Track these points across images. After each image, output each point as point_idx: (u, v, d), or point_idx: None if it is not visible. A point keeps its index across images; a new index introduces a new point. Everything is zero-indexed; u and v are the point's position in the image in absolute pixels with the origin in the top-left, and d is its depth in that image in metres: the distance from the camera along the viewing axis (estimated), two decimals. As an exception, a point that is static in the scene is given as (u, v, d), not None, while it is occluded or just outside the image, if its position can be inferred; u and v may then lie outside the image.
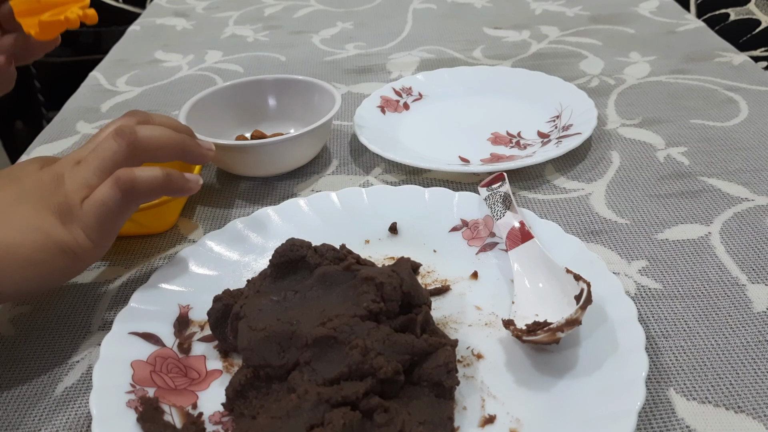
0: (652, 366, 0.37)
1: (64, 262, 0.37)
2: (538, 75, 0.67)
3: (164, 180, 0.40)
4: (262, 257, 0.46)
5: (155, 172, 0.39)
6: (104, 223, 0.38)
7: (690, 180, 0.53)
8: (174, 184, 0.41)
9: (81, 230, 0.38)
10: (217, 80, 0.78)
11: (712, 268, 0.44)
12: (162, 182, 0.40)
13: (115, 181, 0.38)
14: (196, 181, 0.42)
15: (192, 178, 0.42)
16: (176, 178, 0.41)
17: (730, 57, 0.73)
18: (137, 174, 0.39)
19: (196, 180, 0.42)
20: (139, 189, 0.39)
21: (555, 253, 0.42)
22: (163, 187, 0.40)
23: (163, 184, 0.40)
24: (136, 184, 0.38)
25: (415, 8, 0.97)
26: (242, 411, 0.34)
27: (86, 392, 0.38)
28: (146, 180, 0.39)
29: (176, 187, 0.41)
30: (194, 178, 0.42)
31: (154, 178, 0.39)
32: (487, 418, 0.34)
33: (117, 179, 0.38)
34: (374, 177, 0.57)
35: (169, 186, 0.40)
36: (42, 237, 0.36)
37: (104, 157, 0.39)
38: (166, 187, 0.40)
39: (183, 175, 0.41)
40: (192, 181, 0.42)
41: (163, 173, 0.40)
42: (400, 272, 0.37)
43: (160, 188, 0.40)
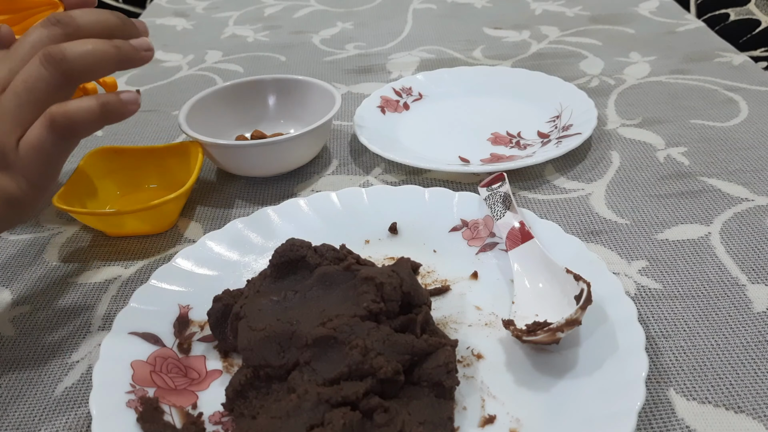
0: (652, 366, 0.37)
1: (7, 210, 0.36)
2: (538, 75, 0.67)
3: (101, 111, 0.36)
4: (262, 257, 0.46)
5: (90, 104, 0.36)
6: (45, 167, 0.36)
7: (690, 180, 0.53)
8: (112, 113, 0.37)
9: (22, 177, 0.35)
10: (217, 80, 0.78)
11: (712, 268, 0.44)
12: (99, 114, 0.36)
13: (50, 123, 0.35)
14: (134, 100, 0.38)
15: (129, 98, 0.38)
16: (113, 105, 0.37)
17: (730, 57, 0.73)
18: (72, 111, 0.35)
19: (134, 99, 0.38)
20: (76, 127, 0.36)
21: (555, 253, 0.42)
22: (101, 119, 0.37)
23: (101, 115, 0.36)
24: (72, 122, 0.35)
25: (415, 8, 0.97)
26: (242, 411, 0.34)
27: (86, 392, 0.38)
28: (83, 116, 0.36)
29: (115, 115, 0.37)
30: (131, 98, 0.38)
31: (90, 112, 0.36)
32: (487, 418, 0.34)
33: (52, 120, 0.35)
34: (374, 177, 0.57)
35: (107, 116, 0.37)
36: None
37: (34, 88, 0.35)
38: (105, 117, 0.37)
39: (119, 98, 0.37)
40: (130, 101, 0.38)
41: (98, 104, 0.36)
42: (400, 272, 0.37)
43: (98, 120, 0.37)
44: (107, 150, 0.54)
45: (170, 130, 0.67)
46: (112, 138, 0.66)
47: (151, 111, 0.71)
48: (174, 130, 0.67)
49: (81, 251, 0.50)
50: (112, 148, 0.54)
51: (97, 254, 0.49)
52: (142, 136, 0.66)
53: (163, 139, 0.65)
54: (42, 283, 0.47)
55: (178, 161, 0.54)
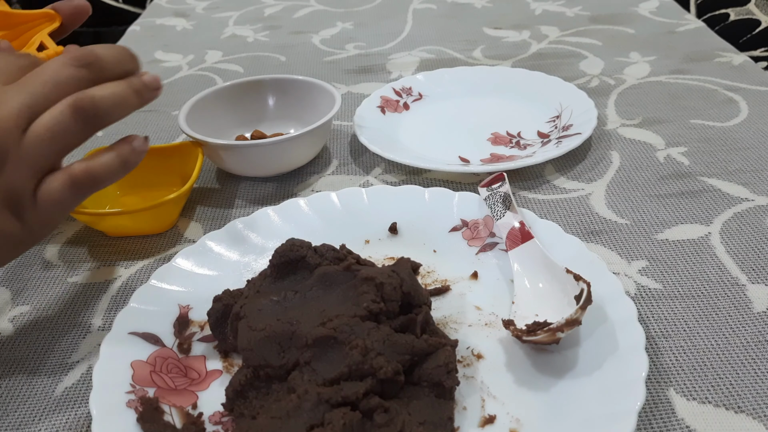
0: (652, 366, 0.37)
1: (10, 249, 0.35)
2: (538, 75, 0.67)
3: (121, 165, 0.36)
4: (262, 257, 0.46)
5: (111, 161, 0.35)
6: (60, 218, 0.36)
7: (690, 180, 0.53)
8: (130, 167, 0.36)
9: (35, 225, 0.35)
10: (217, 80, 0.78)
11: (712, 268, 0.44)
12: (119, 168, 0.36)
13: (72, 182, 0.34)
14: (146, 148, 0.37)
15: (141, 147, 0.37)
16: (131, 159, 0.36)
17: (730, 57, 0.73)
18: (94, 170, 0.35)
19: (146, 148, 0.37)
20: (96, 185, 0.35)
21: (555, 253, 0.42)
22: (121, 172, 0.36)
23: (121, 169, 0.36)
24: (94, 182, 0.35)
25: (415, 8, 0.97)
26: (242, 411, 0.34)
27: (86, 392, 0.38)
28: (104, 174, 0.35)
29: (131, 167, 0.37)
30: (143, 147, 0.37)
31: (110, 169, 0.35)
32: (487, 418, 0.34)
33: (74, 179, 0.34)
34: (374, 177, 0.57)
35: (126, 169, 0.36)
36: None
37: (61, 139, 0.34)
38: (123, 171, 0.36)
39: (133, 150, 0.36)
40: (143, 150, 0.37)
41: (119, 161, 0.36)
42: (400, 272, 0.37)
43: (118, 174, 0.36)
44: (107, 150, 0.54)
45: (170, 130, 0.67)
46: (112, 138, 0.65)
47: (151, 111, 0.71)
48: (174, 130, 0.67)
49: (81, 251, 0.50)
50: (112, 148, 0.54)
51: (97, 254, 0.49)
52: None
53: (163, 139, 0.65)
54: (42, 283, 0.47)
55: (178, 161, 0.54)
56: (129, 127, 0.68)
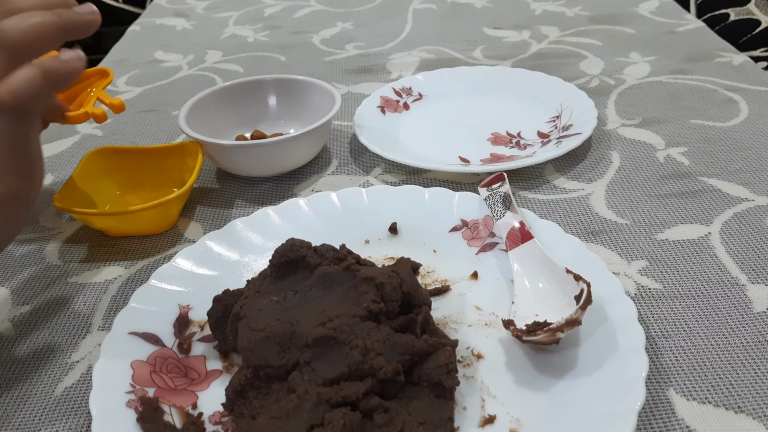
0: (652, 366, 0.37)
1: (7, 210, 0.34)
2: (538, 75, 0.67)
3: (43, 77, 0.34)
4: (262, 257, 0.46)
5: (28, 74, 0.33)
6: (13, 153, 0.34)
7: (690, 180, 0.53)
8: (55, 75, 0.35)
9: (4, 175, 0.34)
10: (217, 80, 0.78)
11: (712, 268, 0.44)
12: (42, 81, 0.34)
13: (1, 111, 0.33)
14: (77, 57, 0.35)
15: (70, 56, 0.35)
16: (54, 68, 0.35)
17: (730, 57, 0.73)
18: (13, 86, 0.33)
19: (77, 57, 0.35)
20: (23, 101, 0.33)
21: (555, 253, 0.42)
22: (46, 85, 0.34)
23: (44, 82, 0.34)
24: (19, 99, 0.33)
25: (415, 8, 0.97)
26: (242, 411, 0.34)
27: (86, 392, 0.38)
28: (26, 87, 0.33)
29: (60, 77, 0.35)
30: (72, 55, 0.35)
31: (31, 81, 0.33)
32: (487, 418, 0.34)
33: (2, 106, 0.33)
34: (374, 177, 0.57)
35: (51, 80, 0.34)
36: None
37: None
38: (49, 82, 0.34)
39: (59, 58, 0.35)
40: (72, 59, 0.35)
41: (38, 70, 0.34)
42: (400, 272, 0.37)
43: (44, 88, 0.34)
44: (107, 150, 0.54)
45: (170, 130, 0.67)
46: (112, 138, 0.66)
47: (151, 111, 0.71)
48: (174, 130, 0.67)
49: (81, 251, 0.50)
50: (112, 148, 0.54)
51: (97, 254, 0.49)
52: (142, 136, 0.66)
53: (163, 139, 0.65)
54: (42, 283, 0.47)
55: (178, 161, 0.54)
56: (129, 126, 0.68)
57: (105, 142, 0.65)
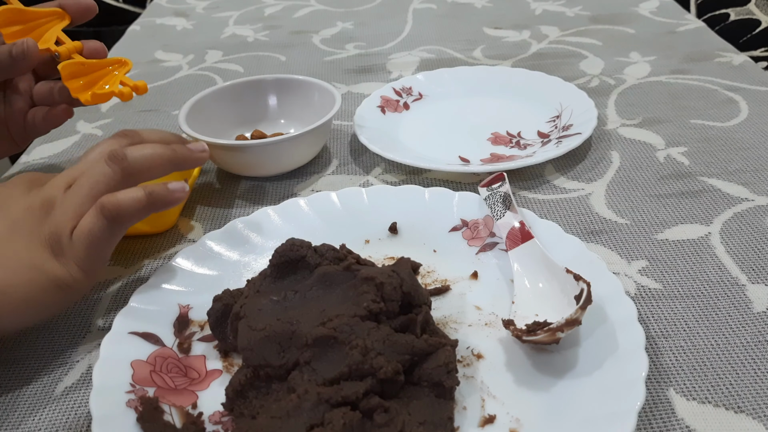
0: (652, 366, 0.37)
1: (59, 296, 0.37)
2: (538, 75, 0.67)
3: (147, 200, 0.39)
4: (262, 257, 0.46)
5: (137, 194, 0.39)
6: (94, 252, 0.38)
7: (690, 180, 0.53)
8: (158, 201, 0.40)
9: (73, 263, 0.37)
10: (217, 80, 0.78)
11: (712, 268, 0.44)
12: (146, 203, 0.39)
13: (100, 210, 0.37)
14: (182, 189, 0.41)
15: (176, 187, 0.41)
16: (159, 194, 0.40)
17: (730, 57, 0.73)
18: (120, 199, 0.38)
19: (182, 188, 0.41)
20: (124, 214, 0.38)
21: (555, 253, 0.42)
22: (147, 207, 0.39)
23: (147, 204, 0.39)
24: (120, 209, 0.38)
25: (415, 8, 0.97)
26: (242, 411, 0.34)
27: (86, 392, 0.38)
28: (129, 203, 0.38)
29: (161, 203, 0.40)
30: (179, 187, 0.41)
31: (137, 201, 0.38)
32: (487, 418, 0.34)
33: (102, 207, 0.37)
34: (374, 177, 0.57)
35: (153, 204, 0.40)
36: (37, 275, 0.36)
37: (96, 182, 0.39)
38: (151, 205, 0.40)
39: (166, 187, 0.41)
40: (177, 190, 0.41)
41: (145, 194, 0.39)
42: (400, 272, 0.37)
43: (144, 209, 0.39)
44: (107, 150, 0.54)
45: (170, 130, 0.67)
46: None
47: (151, 111, 0.71)
48: (174, 130, 0.67)
49: (81, 251, 0.50)
50: (112, 148, 0.54)
51: (97, 254, 0.49)
52: (142, 136, 0.66)
53: (163, 139, 0.65)
54: (42, 283, 0.47)
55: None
56: (128, 126, 0.68)
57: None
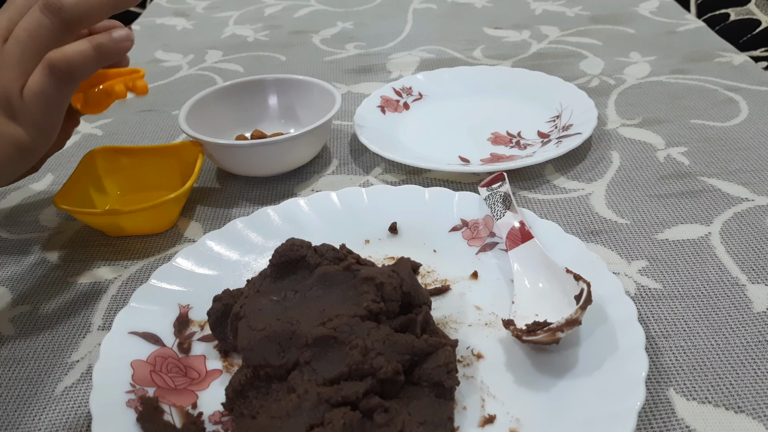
0: (652, 366, 0.37)
1: (18, 157, 0.37)
2: (538, 75, 0.67)
3: (96, 52, 0.37)
4: (262, 257, 0.46)
5: (84, 47, 0.37)
6: (48, 112, 0.37)
7: (690, 180, 0.53)
8: (107, 52, 0.38)
9: (29, 124, 0.36)
10: (217, 80, 0.78)
11: (712, 268, 0.44)
12: (95, 55, 0.37)
13: (50, 68, 0.36)
14: (127, 37, 0.39)
15: (121, 35, 0.38)
16: (107, 45, 0.38)
17: (730, 57, 0.73)
18: (68, 54, 0.36)
19: (127, 36, 0.39)
20: (74, 70, 0.37)
21: (555, 253, 0.42)
22: (97, 59, 0.37)
23: (96, 56, 0.37)
24: (71, 65, 0.36)
25: (415, 8, 0.97)
26: (242, 411, 0.34)
27: (86, 392, 0.38)
28: (79, 58, 0.36)
29: (110, 53, 0.38)
30: (123, 34, 0.39)
31: (86, 54, 0.37)
32: (487, 418, 0.34)
33: (51, 65, 0.36)
34: (374, 177, 0.57)
35: (103, 55, 0.38)
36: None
37: (35, 35, 0.36)
38: (99, 56, 0.38)
39: (111, 36, 0.38)
40: (122, 39, 0.38)
41: (92, 45, 0.37)
42: (400, 272, 0.37)
43: (95, 61, 0.37)
44: (107, 150, 0.54)
45: (170, 130, 0.67)
46: (112, 138, 0.66)
47: (151, 111, 0.71)
48: (174, 130, 0.67)
49: (81, 251, 0.50)
50: (112, 148, 0.54)
51: (97, 254, 0.49)
52: (142, 136, 0.66)
53: (163, 139, 0.65)
54: (42, 283, 0.47)
55: (178, 161, 0.54)
56: (129, 126, 0.68)
57: (105, 142, 0.65)
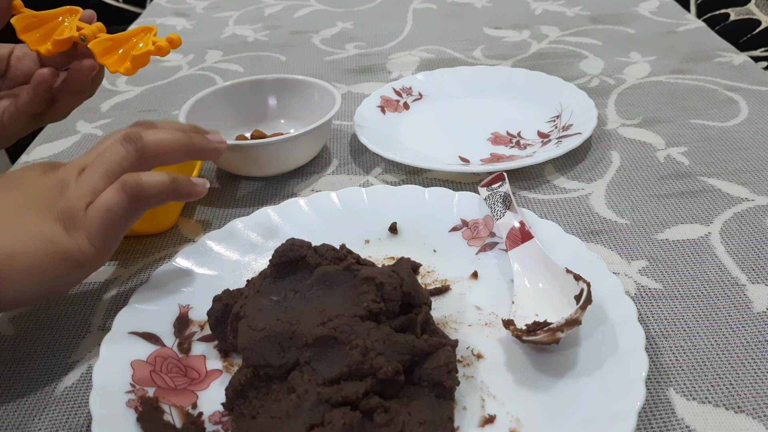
0: (652, 366, 0.37)
1: (67, 269, 0.36)
2: (538, 75, 0.67)
3: (171, 185, 0.39)
4: (262, 257, 0.46)
5: (162, 177, 0.39)
6: (109, 228, 0.37)
7: (690, 180, 0.53)
8: (181, 189, 0.40)
9: (85, 237, 0.37)
10: (217, 80, 0.78)
11: (712, 268, 0.44)
12: (168, 187, 0.39)
13: (122, 186, 0.37)
14: (203, 184, 0.41)
15: (199, 182, 0.41)
16: (183, 183, 0.40)
17: (730, 57, 0.73)
18: (143, 179, 0.38)
19: (203, 184, 0.41)
20: (145, 194, 0.38)
21: (555, 253, 0.42)
22: (169, 193, 0.39)
23: (169, 189, 0.39)
24: (142, 189, 0.38)
25: (415, 8, 0.97)
26: (242, 411, 0.34)
27: (86, 392, 0.38)
28: (153, 185, 0.38)
29: (183, 192, 0.40)
30: (201, 182, 0.41)
31: (160, 184, 0.38)
32: (487, 418, 0.34)
33: (123, 184, 0.37)
34: (374, 177, 0.57)
35: (175, 191, 0.40)
36: (45, 245, 0.35)
37: (111, 162, 0.38)
38: (173, 192, 0.39)
39: (190, 179, 0.41)
40: (199, 185, 0.41)
41: (170, 178, 0.39)
42: (400, 272, 0.37)
43: (166, 193, 0.39)
44: (107, 150, 0.54)
45: (170, 130, 0.67)
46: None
47: (151, 111, 0.71)
48: (174, 130, 0.67)
49: (81, 251, 0.50)
50: (112, 148, 0.54)
51: (97, 254, 0.49)
52: (142, 136, 0.66)
53: (163, 139, 0.65)
54: (42, 283, 0.47)
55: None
56: (129, 126, 0.68)
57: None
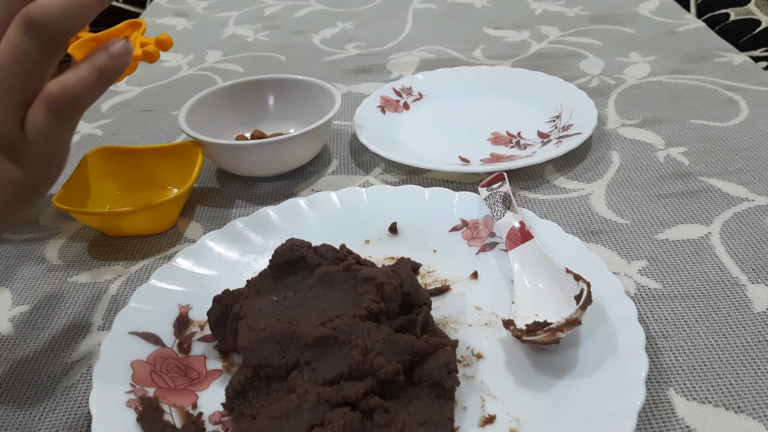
0: (652, 366, 0.37)
1: (22, 199, 0.34)
2: (538, 75, 0.67)
3: (98, 77, 0.33)
4: (262, 257, 0.46)
5: (86, 73, 0.33)
6: (56, 147, 0.34)
7: (690, 180, 0.53)
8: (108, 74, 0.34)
9: (36, 162, 0.33)
10: (217, 80, 0.78)
11: (712, 268, 0.44)
12: (97, 81, 0.33)
13: (51, 105, 0.32)
14: (125, 49, 0.34)
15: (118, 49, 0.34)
16: (107, 67, 0.33)
17: (730, 57, 0.73)
18: (69, 86, 0.32)
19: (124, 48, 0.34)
20: (78, 101, 0.33)
21: (555, 253, 0.42)
22: (100, 85, 0.34)
23: (98, 82, 0.33)
24: (73, 98, 0.33)
25: (415, 8, 0.97)
26: (242, 411, 0.34)
27: (86, 392, 0.38)
28: (81, 88, 0.33)
29: (112, 75, 0.34)
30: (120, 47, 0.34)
31: (87, 83, 0.33)
32: (487, 418, 0.34)
33: (53, 102, 0.32)
34: (374, 177, 0.57)
35: (105, 80, 0.34)
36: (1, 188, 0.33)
37: (22, 62, 0.32)
38: (103, 82, 0.34)
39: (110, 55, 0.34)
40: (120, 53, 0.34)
41: (93, 69, 0.33)
42: (401, 272, 0.37)
43: (97, 87, 0.34)
44: (107, 150, 0.54)
45: (170, 130, 0.67)
46: (112, 138, 0.66)
47: (151, 111, 0.71)
48: (174, 130, 0.67)
49: (81, 251, 0.50)
50: (112, 148, 0.54)
51: (97, 254, 0.49)
52: (142, 136, 0.66)
53: (163, 139, 0.65)
54: (42, 283, 0.47)
55: (178, 161, 0.54)
56: (129, 127, 0.68)
57: (105, 142, 0.65)
